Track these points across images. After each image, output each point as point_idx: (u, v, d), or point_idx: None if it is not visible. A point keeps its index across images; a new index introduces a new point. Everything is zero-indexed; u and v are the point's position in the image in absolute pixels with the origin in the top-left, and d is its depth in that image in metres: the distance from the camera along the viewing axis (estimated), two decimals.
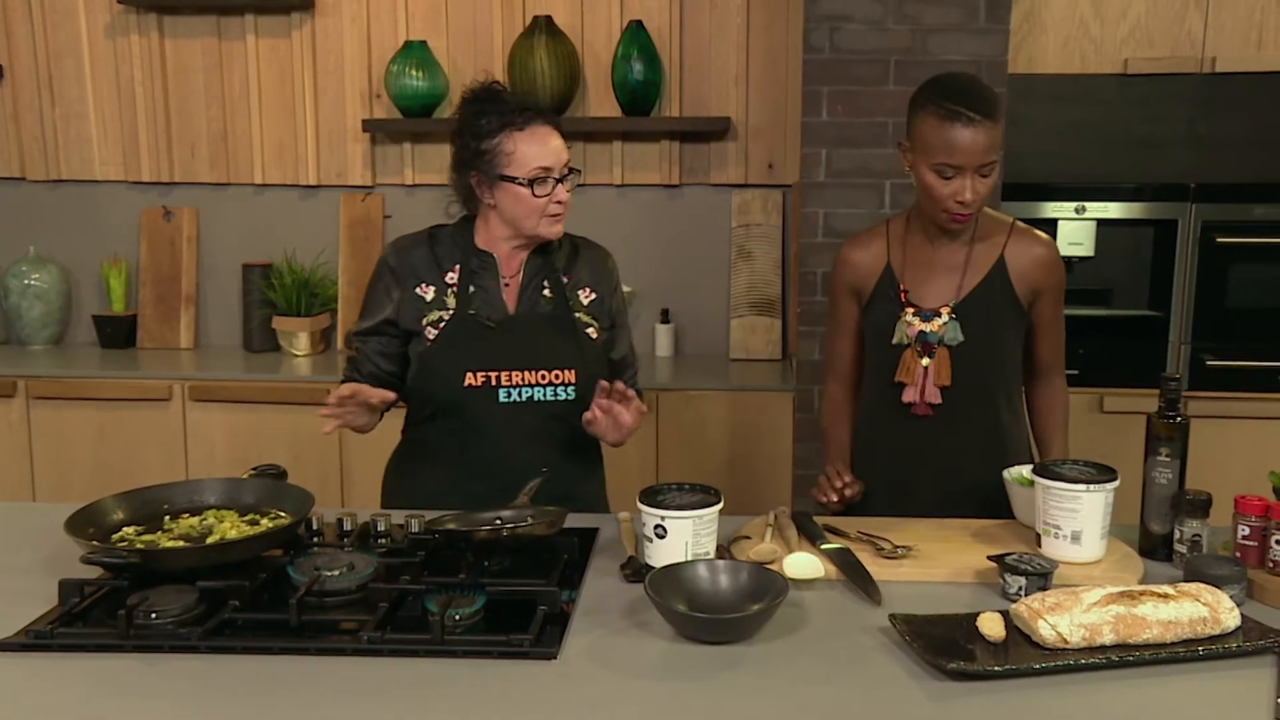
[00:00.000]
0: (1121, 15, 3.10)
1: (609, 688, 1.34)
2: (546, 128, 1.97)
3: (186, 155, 3.68)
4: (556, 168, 1.96)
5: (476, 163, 1.97)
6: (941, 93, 1.90)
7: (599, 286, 2.10)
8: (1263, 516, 1.63)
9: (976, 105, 1.86)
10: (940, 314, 2.00)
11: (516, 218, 1.98)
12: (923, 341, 2.01)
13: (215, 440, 3.31)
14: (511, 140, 1.94)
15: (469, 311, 2.01)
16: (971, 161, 1.87)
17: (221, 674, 1.37)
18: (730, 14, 3.47)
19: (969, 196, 1.90)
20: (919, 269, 2.04)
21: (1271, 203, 3.10)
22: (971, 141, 1.86)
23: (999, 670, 1.34)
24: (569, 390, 2.02)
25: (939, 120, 1.87)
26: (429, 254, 2.05)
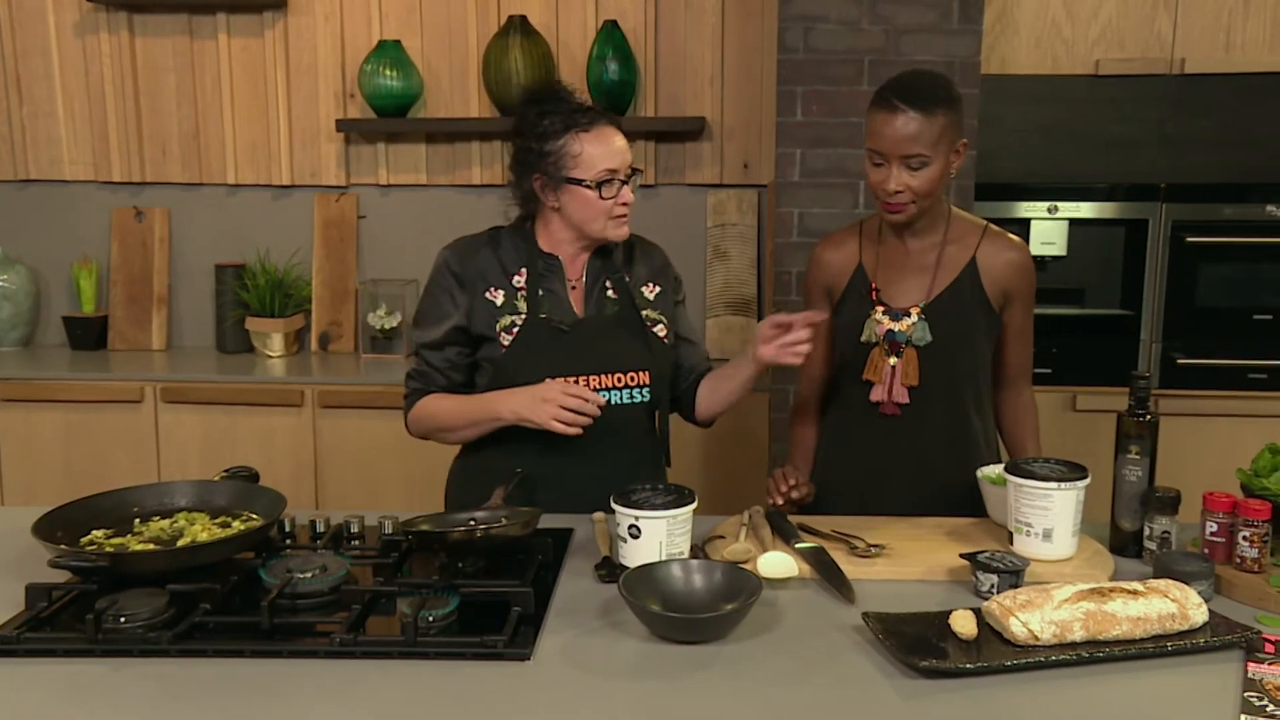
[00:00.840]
0: (1093, 16, 3.12)
1: (582, 688, 1.34)
2: (611, 128, 1.94)
3: (158, 155, 3.65)
4: (622, 169, 1.93)
5: (540, 165, 1.93)
6: (889, 82, 1.92)
7: (661, 280, 2.09)
8: (1230, 513, 1.65)
9: (907, 96, 1.86)
10: (910, 314, 2.00)
11: (584, 220, 1.95)
12: (890, 341, 2.01)
13: (188, 442, 3.28)
14: (578, 142, 1.91)
15: (540, 315, 1.97)
16: (894, 150, 1.87)
17: (192, 678, 1.36)
18: (705, 14, 3.47)
19: (891, 186, 1.89)
20: (890, 269, 2.04)
21: (1240, 203, 3.13)
22: (894, 129, 1.86)
23: (971, 668, 1.35)
24: (644, 392, 2.00)
25: (874, 108, 1.90)
26: (493, 257, 2.01)
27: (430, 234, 3.61)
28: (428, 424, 2.04)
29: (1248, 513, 1.62)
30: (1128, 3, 3.11)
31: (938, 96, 1.88)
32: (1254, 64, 3.10)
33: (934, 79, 1.93)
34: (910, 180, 1.89)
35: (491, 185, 3.60)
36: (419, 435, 2.08)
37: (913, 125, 1.85)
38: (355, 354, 3.61)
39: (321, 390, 3.25)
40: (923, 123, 1.85)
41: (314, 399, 3.25)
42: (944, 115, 1.88)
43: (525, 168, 1.97)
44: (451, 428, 2.02)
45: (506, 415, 1.92)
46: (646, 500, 1.65)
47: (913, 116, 1.85)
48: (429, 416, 2.03)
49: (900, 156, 1.87)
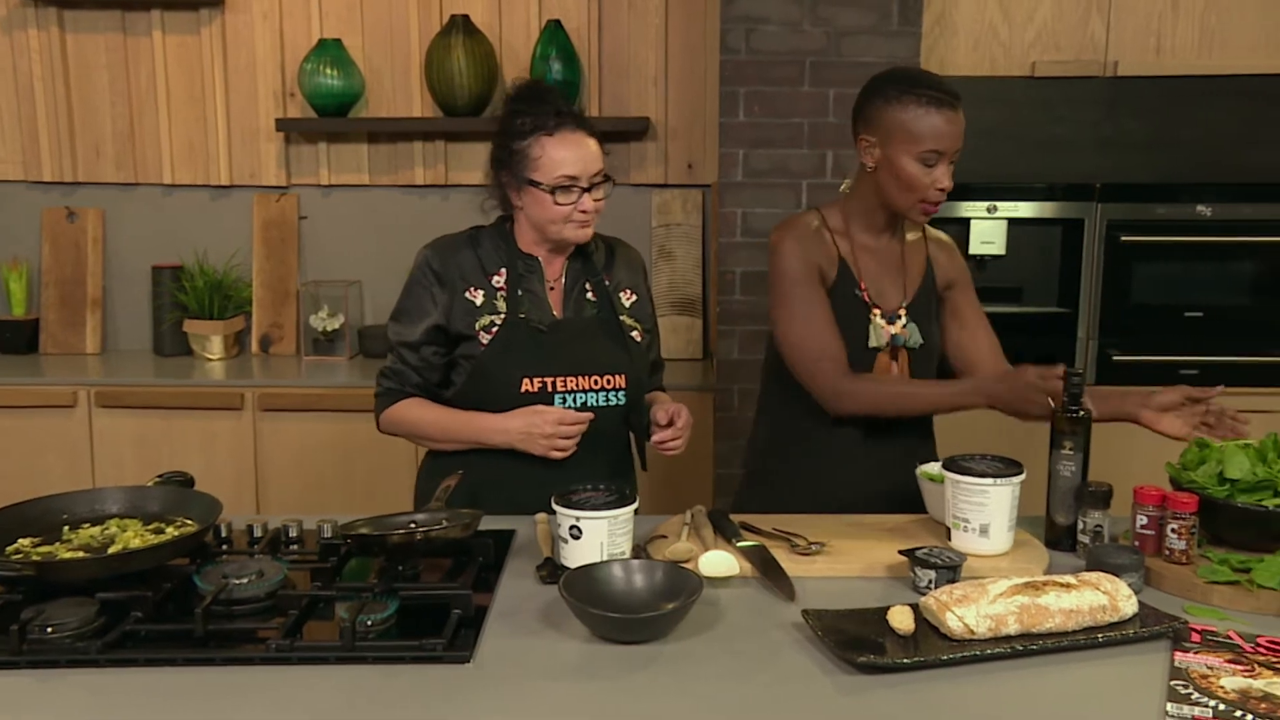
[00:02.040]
0: (1028, 19, 3.18)
1: (522, 690, 1.33)
2: (579, 133, 1.92)
3: (91, 154, 3.57)
4: (584, 176, 1.91)
5: (507, 163, 1.94)
6: (917, 82, 1.90)
7: (638, 287, 2.09)
8: (1159, 506, 1.69)
9: (951, 95, 1.90)
10: (900, 316, 2.01)
11: (540, 223, 1.95)
12: (893, 345, 2.01)
13: (124, 448, 3.22)
14: (540, 145, 1.90)
15: (519, 315, 1.96)
16: (953, 147, 1.90)
17: (123, 688, 1.33)
18: (648, 14, 3.48)
19: (949, 183, 1.91)
20: (870, 268, 2.02)
21: (1171, 202, 3.20)
22: (955, 127, 1.89)
23: (908, 663, 1.36)
24: (620, 395, 2.00)
25: (924, 108, 1.87)
26: (473, 256, 1.99)
27: (373, 235, 3.59)
28: (404, 429, 2.03)
29: (1176, 506, 1.66)
30: (1062, 6, 3.16)
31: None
32: (1183, 67, 3.17)
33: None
34: (951, 176, 1.92)
35: (435, 186, 3.57)
36: (390, 434, 2.06)
37: (962, 121, 1.90)
38: (297, 356, 3.56)
39: (262, 393, 3.21)
40: (963, 120, 1.90)
41: (254, 402, 3.20)
42: None
43: (496, 165, 1.97)
44: (432, 439, 2.02)
45: (497, 443, 1.93)
46: (587, 501, 1.65)
47: (961, 113, 1.90)
48: (408, 423, 2.01)
49: (953, 153, 1.90)
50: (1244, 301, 3.24)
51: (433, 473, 2.02)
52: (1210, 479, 1.72)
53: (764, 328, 3.05)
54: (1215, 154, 3.44)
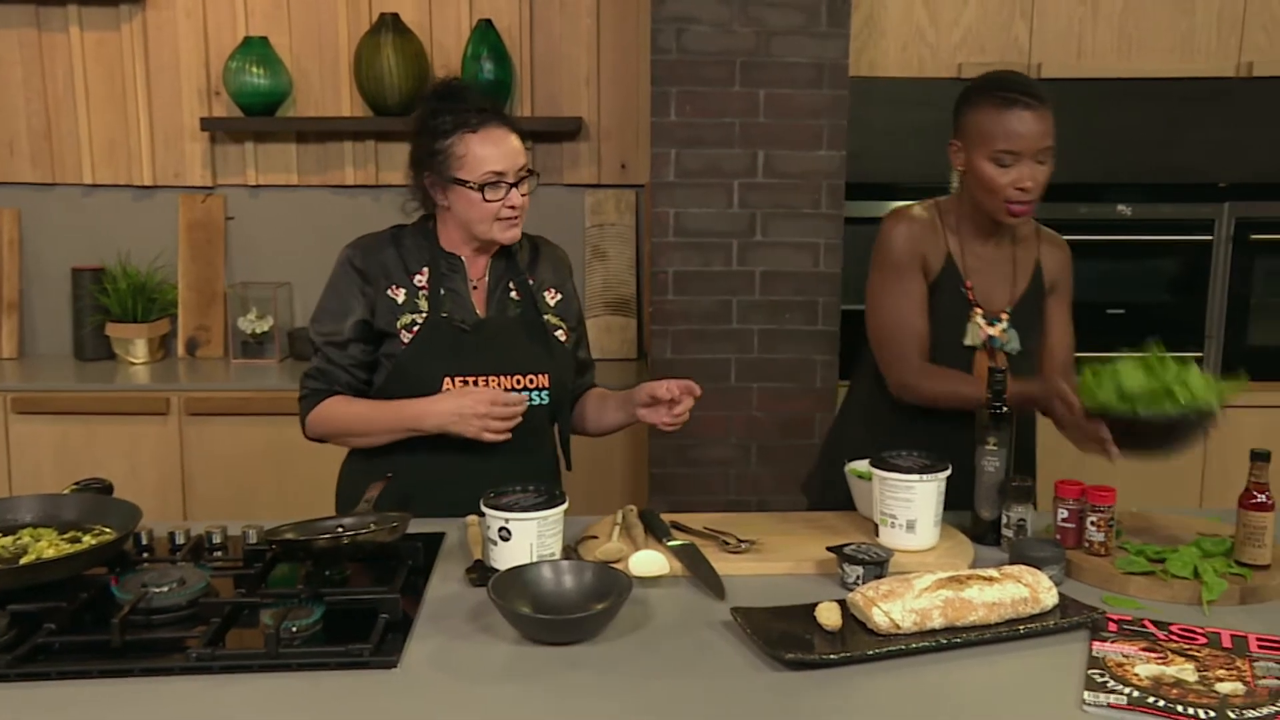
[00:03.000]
0: (954, 22, 3.23)
1: (450, 694, 1.32)
2: (502, 129, 1.91)
3: (4, 153, 3.46)
4: (510, 172, 1.90)
5: (430, 163, 1.92)
6: (996, 84, 1.93)
7: (563, 286, 2.08)
8: (1079, 500, 1.73)
9: (1032, 91, 1.90)
10: (1001, 319, 2.01)
11: (469, 221, 1.93)
12: (991, 346, 2.01)
13: (42, 455, 3.13)
14: (464, 142, 1.89)
15: (441, 314, 1.94)
16: (1030, 146, 1.89)
17: (34, 702, 1.29)
18: (580, 14, 3.47)
19: (1029, 184, 1.90)
20: (979, 268, 2.02)
21: (1094, 202, 3.28)
22: (1029, 126, 1.88)
23: (835, 658, 1.38)
24: (543, 395, 1.98)
25: (996, 108, 1.89)
26: (396, 254, 1.97)
27: (302, 235, 3.53)
28: (331, 427, 1.97)
29: (1096, 499, 1.70)
30: (987, 9, 3.22)
31: (1044, 90, 1.92)
32: (1103, 70, 3.25)
33: (1028, 76, 1.99)
34: (1040, 175, 1.92)
35: (365, 186, 3.53)
36: (316, 438, 2.00)
37: (1041, 120, 1.88)
38: (225, 359, 3.50)
39: (189, 397, 3.14)
40: (1046, 116, 1.89)
41: (180, 406, 3.13)
42: (1052, 108, 1.92)
43: (418, 165, 1.96)
44: (361, 434, 1.96)
45: (429, 427, 1.89)
46: (516, 503, 1.64)
47: (1043, 112, 1.89)
48: (335, 420, 1.96)
49: (1035, 151, 1.89)
50: (1163, 299, 3.33)
51: (354, 475, 2.00)
52: (1112, 398, 1.73)
53: (697, 327, 3.07)
54: (1134, 154, 3.52)
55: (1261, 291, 3.28)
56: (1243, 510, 1.65)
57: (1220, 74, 3.25)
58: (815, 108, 3.01)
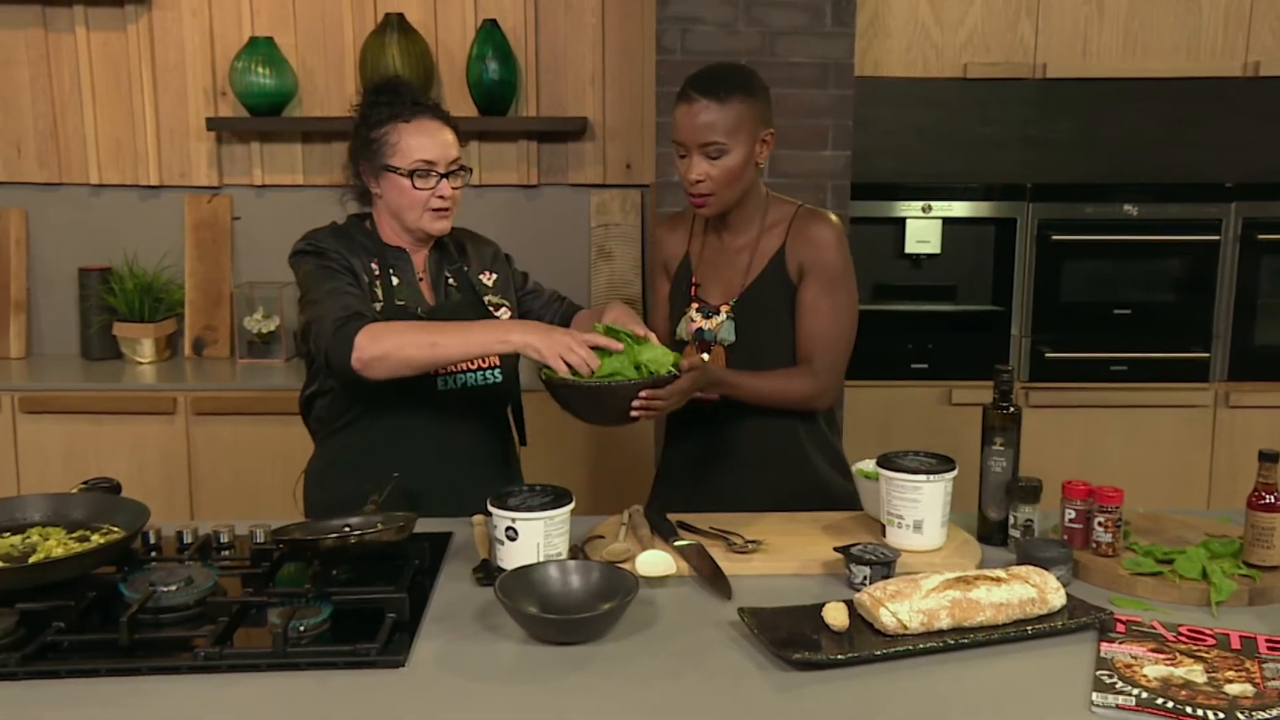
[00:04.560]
0: (959, 22, 3.22)
1: (457, 694, 1.32)
2: (435, 122, 1.98)
3: (11, 154, 3.47)
4: (441, 162, 1.96)
5: (365, 151, 1.98)
6: (690, 75, 1.94)
7: (497, 268, 2.14)
8: (1086, 500, 1.72)
9: (702, 86, 1.89)
10: (719, 312, 2.02)
11: (399, 209, 1.98)
12: (700, 338, 2.03)
13: (50, 455, 3.13)
14: (397, 131, 1.95)
15: (397, 302, 1.98)
16: (692, 139, 1.89)
17: (43, 700, 1.30)
18: (585, 14, 3.47)
19: (693, 175, 1.91)
20: (710, 263, 2.06)
21: (1100, 202, 3.27)
22: (691, 118, 1.89)
23: (842, 659, 1.38)
24: (495, 374, 2.05)
25: (676, 100, 1.93)
26: (348, 247, 2.01)
27: None
28: (394, 340, 1.82)
29: (1103, 499, 1.69)
30: (992, 9, 3.21)
31: (733, 86, 1.89)
32: (1109, 70, 3.24)
33: (732, 70, 1.96)
34: (710, 169, 1.90)
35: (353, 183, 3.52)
36: (375, 356, 1.80)
37: (708, 114, 1.87)
38: (231, 359, 3.50)
39: (195, 397, 3.14)
40: (717, 111, 1.87)
41: (187, 406, 3.14)
42: (740, 104, 1.89)
43: (354, 156, 2.02)
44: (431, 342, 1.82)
45: (514, 341, 1.82)
46: (523, 502, 1.64)
47: (707, 105, 1.87)
48: (397, 331, 1.84)
49: (698, 145, 1.89)
50: (1169, 299, 3.32)
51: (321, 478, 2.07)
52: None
53: None
54: (1141, 154, 3.52)
55: (1269, 291, 3.27)
56: (1251, 511, 1.65)
57: (1227, 74, 3.25)
58: (820, 108, 3.01)
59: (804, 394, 2.00)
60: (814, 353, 2.00)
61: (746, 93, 1.91)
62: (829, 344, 1.99)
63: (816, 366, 1.99)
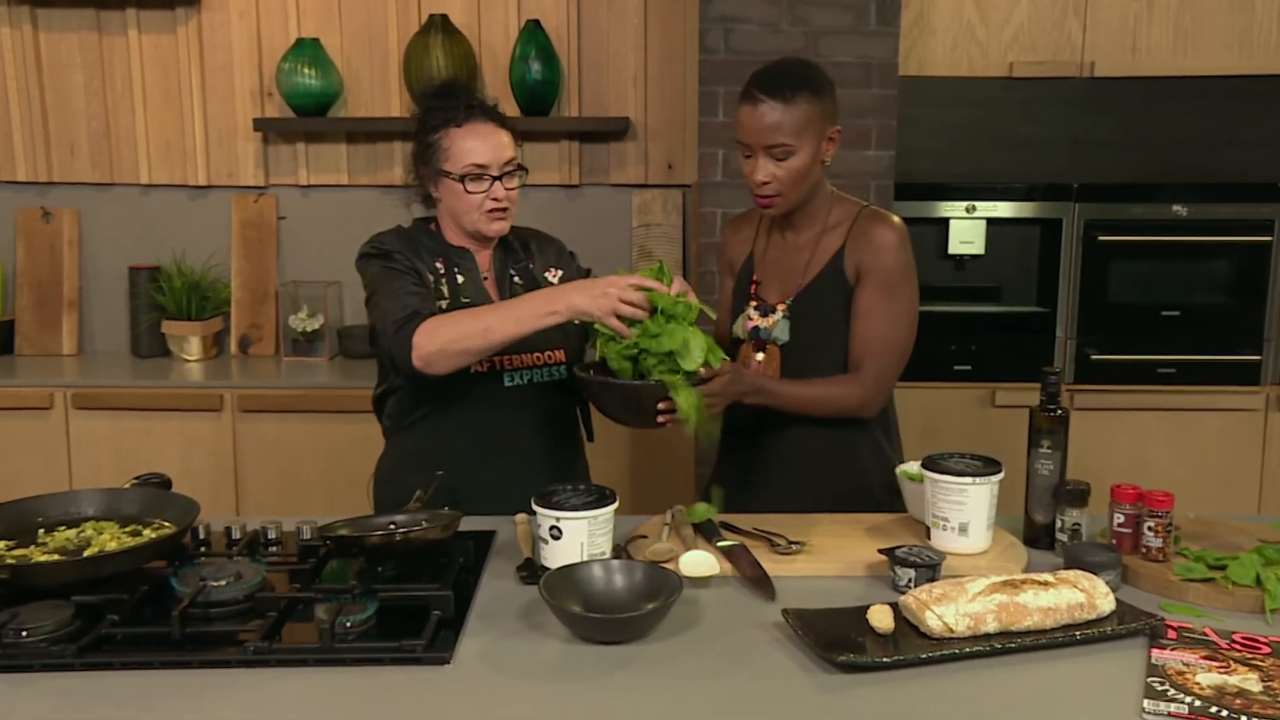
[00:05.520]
0: (1005, 21, 3.19)
1: (502, 691, 1.33)
2: (489, 125, 1.99)
3: (65, 154, 3.54)
4: (494, 165, 1.97)
5: (423, 156, 2.02)
6: (753, 74, 1.92)
7: (562, 265, 2.15)
8: (1136, 504, 1.70)
9: (767, 86, 1.86)
10: (776, 310, 2.00)
11: (456, 213, 2.01)
12: (755, 337, 2.02)
13: (100, 450, 3.19)
14: (449, 136, 1.97)
15: (463, 300, 2.00)
16: (758, 140, 1.87)
17: (98, 692, 1.32)
18: (628, 14, 3.48)
19: (759, 176, 1.89)
20: (772, 261, 2.05)
21: (1148, 202, 3.23)
22: (756, 120, 1.86)
23: (887, 661, 1.37)
24: (560, 370, 2.06)
25: (739, 101, 1.90)
26: (413, 249, 2.03)
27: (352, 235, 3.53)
28: (450, 331, 1.84)
29: (1153, 504, 1.67)
30: (1039, 7, 3.18)
31: (798, 85, 1.86)
32: (1158, 68, 3.19)
33: (797, 67, 1.93)
34: (777, 170, 1.89)
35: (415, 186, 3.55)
36: (433, 352, 1.83)
37: (774, 115, 1.85)
38: (276, 357, 3.54)
39: (241, 394, 3.19)
40: (783, 111, 1.85)
41: (233, 403, 3.18)
42: (806, 103, 1.86)
43: (415, 160, 2.06)
44: (483, 328, 1.83)
45: (560, 309, 1.80)
46: (567, 501, 1.65)
47: (773, 106, 1.85)
48: (450, 323, 1.85)
49: (764, 147, 1.87)
50: (1219, 300, 3.27)
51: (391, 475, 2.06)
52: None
53: None
54: (1190, 154, 3.47)
55: None
56: None
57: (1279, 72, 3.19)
58: (863, 107, 2.99)
59: (848, 403, 1.96)
60: (864, 359, 1.95)
61: (812, 91, 1.88)
62: (880, 351, 1.95)
63: (865, 374, 1.95)
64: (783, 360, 1.99)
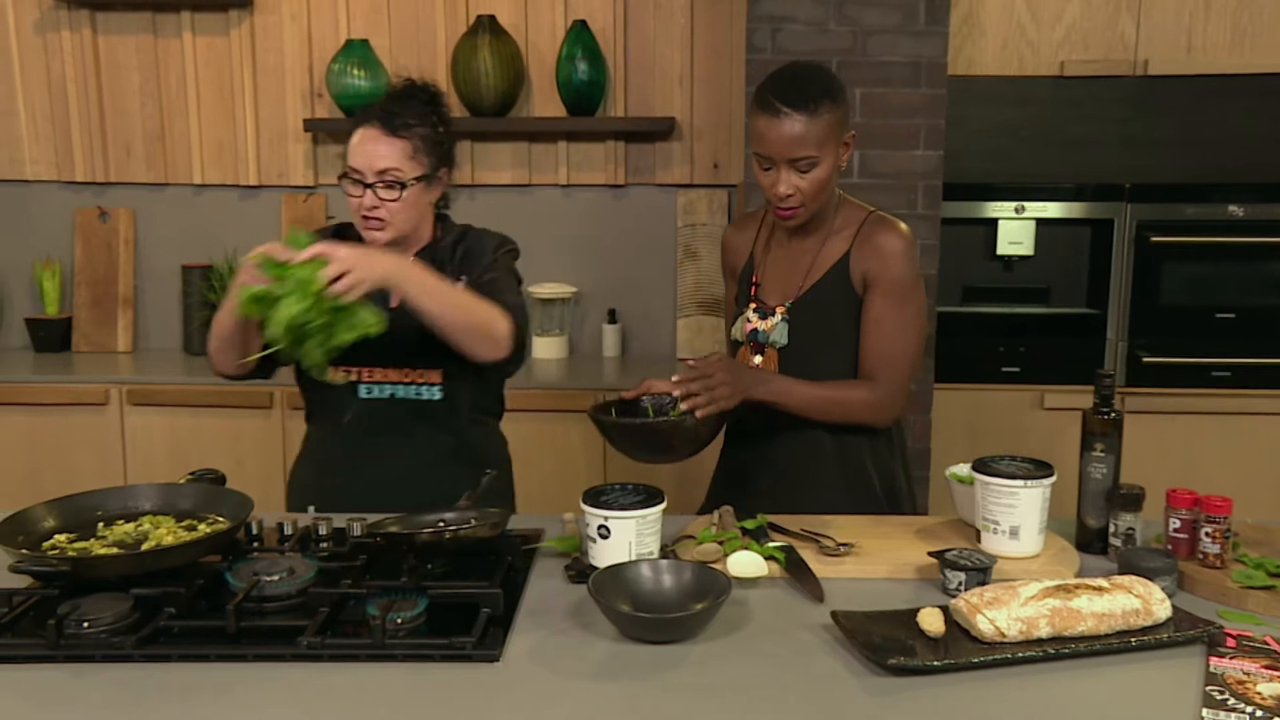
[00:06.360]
0: (1057, 19, 3.15)
1: (551, 689, 1.34)
2: (375, 131, 1.92)
3: (122, 155, 3.61)
4: (367, 172, 1.91)
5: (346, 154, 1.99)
6: (768, 81, 1.86)
7: (477, 271, 2.02)
8: (1192, 509, 1.67)
9: (789, 97, 1.80)
10: (775, 313, 1.97)
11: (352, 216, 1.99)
12: (754, 340, 1.99)
13: (155, 445, 3.25)
14: (352, 137, 1.95)
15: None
16: (780, 153, 1.82)
17: (156, 683, 1.34)
18: (674, 14, 3.48)
19: (782, 190, 1.84)
20: (775, 263, 2.01)
21: (1202, 202, 3.18)
22: (778, 133, 1.81)
23: (938, 665, 1.36)
24: (433, 390, 2.01)
25: (756, 110, 1.85)
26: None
27: None
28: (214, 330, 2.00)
29: (1210, 509, 1.64)
30: (1091, 6, 3.14)
31: (820, 94, 1.82)
32: (1214, 65, 3.14)
33: (813, 73, 1.88)
34: (800, 182, 1.84)
35: (460, 185, 3.58)
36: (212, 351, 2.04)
37: (797, 127, 1.80)
38: None
39: (291, 392, 3.21)
40: (807, 123, 1.80)
41: (283, 400, 3.22)
42: (828, 112, 1.82)
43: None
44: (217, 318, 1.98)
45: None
46: (615, 500, 1.65)
47: (797, 118, 1.80)
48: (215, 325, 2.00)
49: (787, 160, 1.82)
50: (1275, 303, 3.21)
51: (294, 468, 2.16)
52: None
53: None
54: (1247, 153, 3.40)
55: None
56: None
57: None
58: (912, 107, 2.97)
59: (863, 408, 1.93)
60: (878, 369, 1.92)
61: (832, 99, 1.84)
62: (894, 360, 1.92)
63: (879, 384, 1.93)
64: (780, 364, 1.95)
